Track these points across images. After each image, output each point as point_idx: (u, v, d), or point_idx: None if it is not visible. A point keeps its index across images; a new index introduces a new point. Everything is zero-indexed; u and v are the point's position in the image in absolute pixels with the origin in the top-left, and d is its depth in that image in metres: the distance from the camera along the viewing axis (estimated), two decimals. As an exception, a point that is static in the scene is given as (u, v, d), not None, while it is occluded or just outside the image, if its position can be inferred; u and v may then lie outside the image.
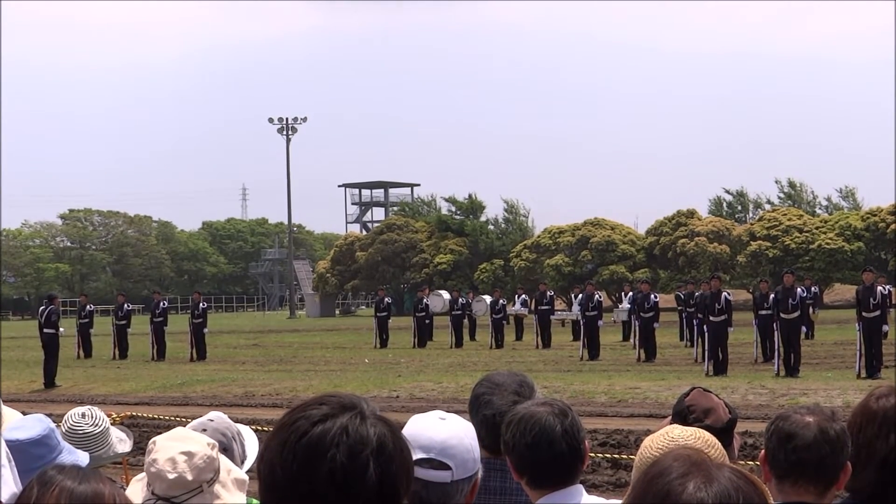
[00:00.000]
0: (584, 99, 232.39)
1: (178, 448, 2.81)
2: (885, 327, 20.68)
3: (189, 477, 2.77)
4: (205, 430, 3.23)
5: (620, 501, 2.83)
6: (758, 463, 3.06)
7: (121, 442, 4.07)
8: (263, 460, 1.73)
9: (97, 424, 3.95)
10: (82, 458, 3.24)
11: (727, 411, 3.25)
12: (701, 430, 2.80)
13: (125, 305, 33.78)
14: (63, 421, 3.92)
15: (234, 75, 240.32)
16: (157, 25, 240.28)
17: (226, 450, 3.15)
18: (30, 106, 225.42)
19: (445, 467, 2.51)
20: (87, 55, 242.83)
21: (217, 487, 2.84)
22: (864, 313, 20.28)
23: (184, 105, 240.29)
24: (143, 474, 2.87)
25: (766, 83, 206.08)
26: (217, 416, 3.42)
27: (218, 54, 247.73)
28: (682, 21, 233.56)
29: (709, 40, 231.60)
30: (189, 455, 2.79)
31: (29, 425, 3.05)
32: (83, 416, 3.95)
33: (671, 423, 3.06)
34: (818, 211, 73.04)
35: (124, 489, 2.68)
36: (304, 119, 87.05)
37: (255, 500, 3.13)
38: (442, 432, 2.55)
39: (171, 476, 2.76)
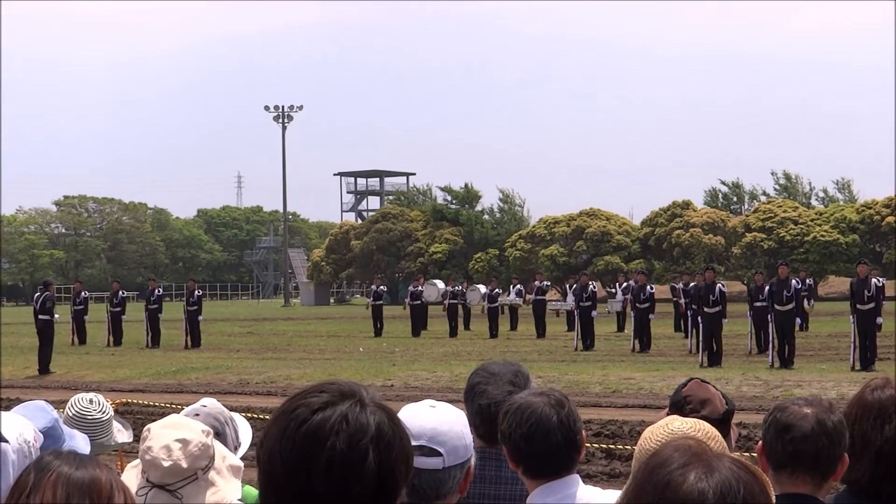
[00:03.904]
0: (579, 90, 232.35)
1: (172, 435, 2.80)
2: (879, 320, 20.74)
3: (184, 464, 2.76)
4: (197, 415, 3.22)
5: (616, 491, 2.82)
6: (753, 454, 3.05)
7: (120, 432, 4.06)
8: (262, 448, 1.73)
9: (104, 412, 3.93)
10: (82, 444, 3.22)
11: (724, 402, 3.24)
12: (701, 421, 2.79)
13: (120, 292, 33.74)
14: (68, 406, 3.90)
15: (230, 65, 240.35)
16: (154, 16, 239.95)
17: (219, 435, 3.14)
18: (27, 95, 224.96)
19: (436, 454, 2.50)
20: (86, 46, 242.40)
21: (212, 474, 2.83)
22: (858, 306, 20.31)
23: (180, 94, 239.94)
24: (138, 461, 2.86)
25: (763, 76, 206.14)
26: (210, 402, 3.40)
27: (215, 44, 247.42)
28: (679, 16, 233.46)
29: (705, 35, 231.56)
30: (184, 442, 2.78)
31: (31, 414, 3.00)
32: (91, 402, 3.92)
33: (668, 414, 3.05)
34: (813, 203, 73.03)
35: (119, 475, 2.67)
36: (300, 107, 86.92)
37: (249, 487, 3.12)
38: (432, 419, 2.55)
39: (165, 464, 2.75)
